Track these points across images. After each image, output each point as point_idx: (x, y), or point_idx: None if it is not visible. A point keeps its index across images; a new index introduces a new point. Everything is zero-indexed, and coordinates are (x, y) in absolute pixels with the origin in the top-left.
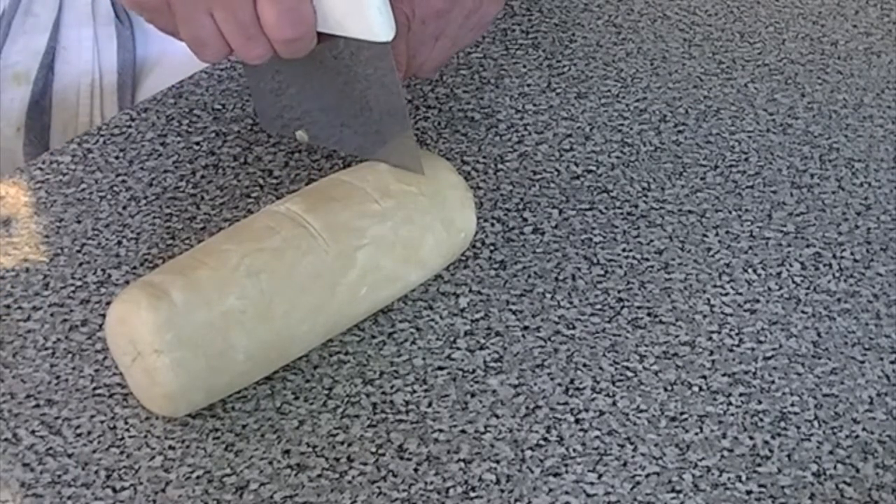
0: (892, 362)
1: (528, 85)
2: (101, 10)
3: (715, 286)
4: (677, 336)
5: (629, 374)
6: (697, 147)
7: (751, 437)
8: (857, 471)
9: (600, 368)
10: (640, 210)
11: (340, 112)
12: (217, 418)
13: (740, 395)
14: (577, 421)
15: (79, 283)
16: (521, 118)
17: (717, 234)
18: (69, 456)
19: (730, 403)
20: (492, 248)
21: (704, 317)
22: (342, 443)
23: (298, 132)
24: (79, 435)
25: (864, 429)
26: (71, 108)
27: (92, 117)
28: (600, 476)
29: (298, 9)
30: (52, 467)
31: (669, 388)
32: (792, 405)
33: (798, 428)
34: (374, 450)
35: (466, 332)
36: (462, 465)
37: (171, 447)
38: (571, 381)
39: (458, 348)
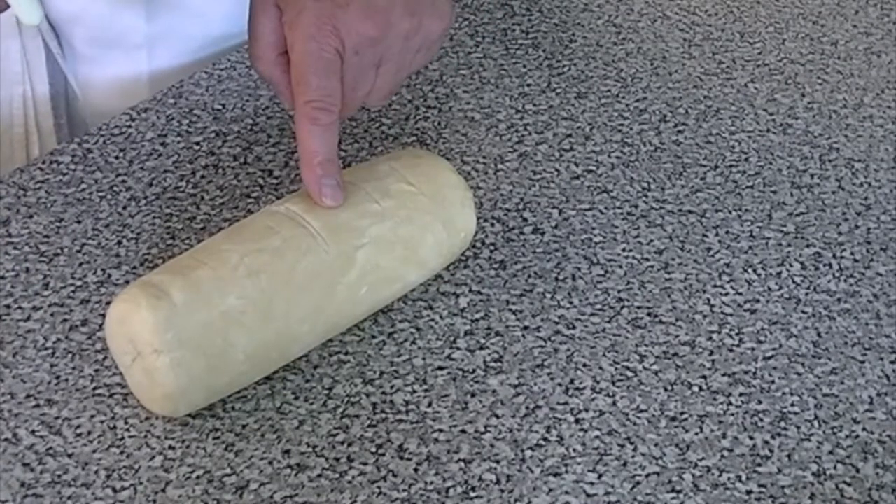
0: (892, 362)
1: (528, 85)
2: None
3: (715, 286)
4: (677, 336)
5: (629, 374)
6: (697, 147)
7: (751, 437)
8: (857, 471)
9: (600, 368)
10: (640, 210)
11: None
12: (217, 418)
13: (740, 395)
14: (577, 421)
15: (79, 283)
16: (521, 118)
17: (717, 234)
18: (69, 456)
19: (730, 403)
20: (492, 248)
21: (704, 317)
22: (342, 443)
23: None
24: (79, 435)
25: (864, 429)
26: (5, 118)
27: (27, 128)
28: (600, 476)
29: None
30: (52, 467)
31: (669, 388)
32: (792, 405)
33: (798, 428)
34: (374, 450)
35: (466, 332)
36: (462, 465)
37: (171, 447)
38: (571, 381)
39: (458, 348)
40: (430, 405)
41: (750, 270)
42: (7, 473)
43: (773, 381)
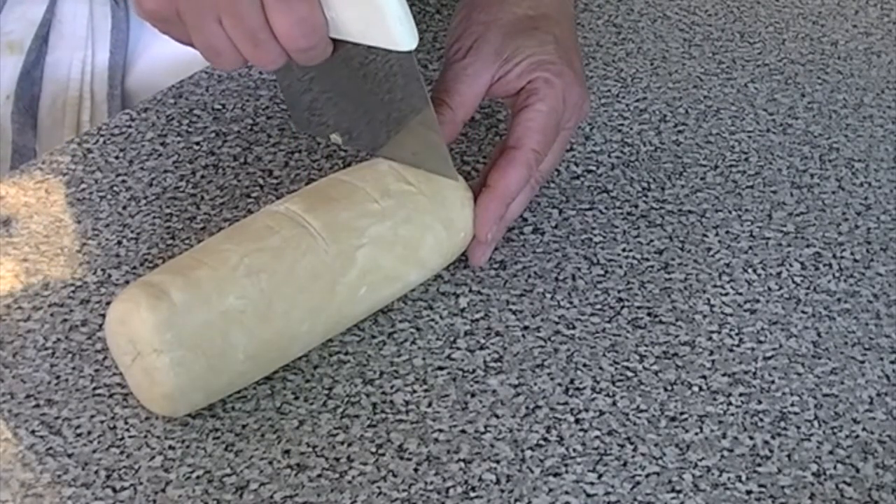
0: (892, 362)
1: None
2: None
3: (715, 286)
4: (677, 336)
5: (629, 374)
6: (697, 147)
7: (751, 437)
8: (857, 471)
9: (600, 368)
10: (640, 210)
11: (371, 117)
12: (217, 418)
13: (740, 395)
14: (577, 421)
15: (79, 283)
16: None
17: (717, 234)
18: (69, 456)
19: (730, 403)
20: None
21: (704, 317)
22: (342, 443)
23: (333, 135)
24: (79, 435)
25: (864, 429)
26: (62, 82)
27: (81, 92)
28: (600, 476)
29: (310, 18)
30: (52, 467)
31: (669, 388)
32: (792, 405)
33: (798, 428)
34: (374, 450)
35: (466, 332)
36: (462, 465)
37: (171, 447)
38: (571, 381)
39: (458, 348)
40: (430, 405)
41: (750, 270)
42: (7, 473)
43: (773, 381)
